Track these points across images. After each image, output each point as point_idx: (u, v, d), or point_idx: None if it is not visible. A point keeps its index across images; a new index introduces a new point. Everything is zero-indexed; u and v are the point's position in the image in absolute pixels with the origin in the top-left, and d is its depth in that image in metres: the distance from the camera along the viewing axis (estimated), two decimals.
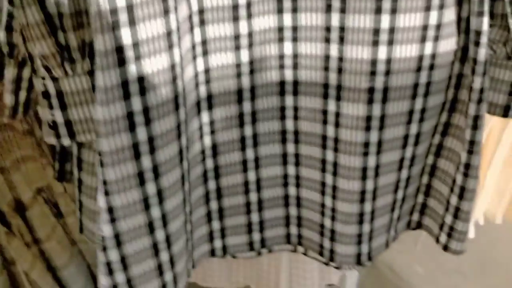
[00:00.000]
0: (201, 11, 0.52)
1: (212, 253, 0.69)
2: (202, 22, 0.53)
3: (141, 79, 0.49)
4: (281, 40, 0.56)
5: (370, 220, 0.65)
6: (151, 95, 0.50)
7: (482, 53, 0.55)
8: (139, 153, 0.52)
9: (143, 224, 0.55)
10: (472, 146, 0.61)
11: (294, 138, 0.62)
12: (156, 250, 0.58)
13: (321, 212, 0.66)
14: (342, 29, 0.55)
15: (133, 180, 0.53)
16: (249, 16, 0.54)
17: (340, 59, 0.56)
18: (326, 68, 0.57)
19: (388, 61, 0.55)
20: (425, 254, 0.72)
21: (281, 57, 0.57)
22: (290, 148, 0.63)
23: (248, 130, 0.60)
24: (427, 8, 0.53)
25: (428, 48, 0.56)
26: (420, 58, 0.56)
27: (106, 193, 0.53)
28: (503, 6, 0.56)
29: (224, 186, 0.64)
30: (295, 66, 0.57)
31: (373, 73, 0.56)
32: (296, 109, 0.60)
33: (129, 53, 0.48)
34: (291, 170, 0.64)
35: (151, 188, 0.54)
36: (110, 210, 0.53)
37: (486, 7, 0.53)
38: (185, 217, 0.59)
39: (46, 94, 0.55)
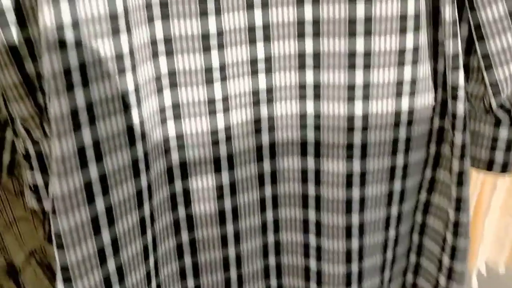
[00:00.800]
0: (171, 73, 0.52)
1: None
2: (174, 85, 0.52)
3: (96, 144, 0.47)
4: (256, 103, 0.55)
5: (358, 281, 0.62)
6: (107, 161, 0.48)
7: (461, 108, 0.54)
8: (99, 228, 0.49)
9: None
10: (459, 203, 0.59)
11: (273, 203, 0.60)
12: None
13: (306, 277, 0.63)
14: (317, 86, 0.54)
15: (93, 260, 0.50)
16: (224, 79, 0.52)
17: (317, 116, 0.55)
18: (304, 126, 0.56)
19: (365, 116, 0.55)
20: None
21: (257, 121, 0.56)
22: (269, 214, 0.60)
23: (227, 203, 0.58)
24: (401, 63, 0.53)
25: (405, 103, 0.55)
26: (398, 113, 0.55)
27: (67, 280, 0.49)
28: (478, 60, 0.56)
29: (201, 263, 0.60)
30: (271, 129, 0.56)
31: (350, 129, 0.55)
32: (274, 173, 0.58)
33: (83, 116, 0.46)
34: (271, 238, 0.62)
35: (111, 265, 0.51)
36: None
37: (460, 62, 0.53)
38: None
39: (27, 156, 0.55)
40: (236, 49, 0.52)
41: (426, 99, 0.57)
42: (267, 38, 0.53)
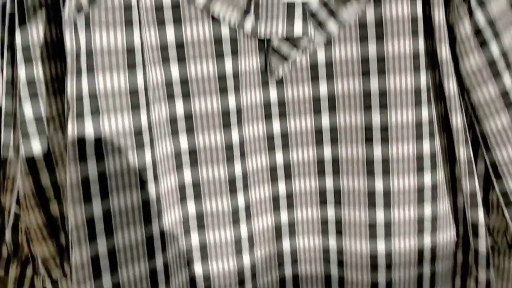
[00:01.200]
0: (199, 215, 0.53)
1: None
2: (201, 227, 0.53)
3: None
4: (278, 237, 0.56)
5: None
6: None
7: (483, 245, 0.54)
8: None
9: None
10: None
11: None
12: None
13: None
14: (338, 222, 0.55)
15: None
16: (248, 217, 0.54)
17: (340, 252, 0.56)
18: (327, 261, 0.56)
19: (388, 254, 0.55)
20: None
21: (280, 255, 0.56)
22: None
23: None
24: (420, 201, 0.54)
25: (427, 240, 0.55)
26: (420, 250, 0.55)
27: None
28: (497, 196, 0.57)
29: None
30: (294, 262, 0.57)
31: (374, 267, 0.55)
32: None
33: (104, 264, 0.47)
34: None
35: None
36: None
37: (479, 199, 0.53)
38: None
39: None
40: (259, 190, 0.54)
41: (447, 235, 0.57)
42: (288, 176, 0.55)
